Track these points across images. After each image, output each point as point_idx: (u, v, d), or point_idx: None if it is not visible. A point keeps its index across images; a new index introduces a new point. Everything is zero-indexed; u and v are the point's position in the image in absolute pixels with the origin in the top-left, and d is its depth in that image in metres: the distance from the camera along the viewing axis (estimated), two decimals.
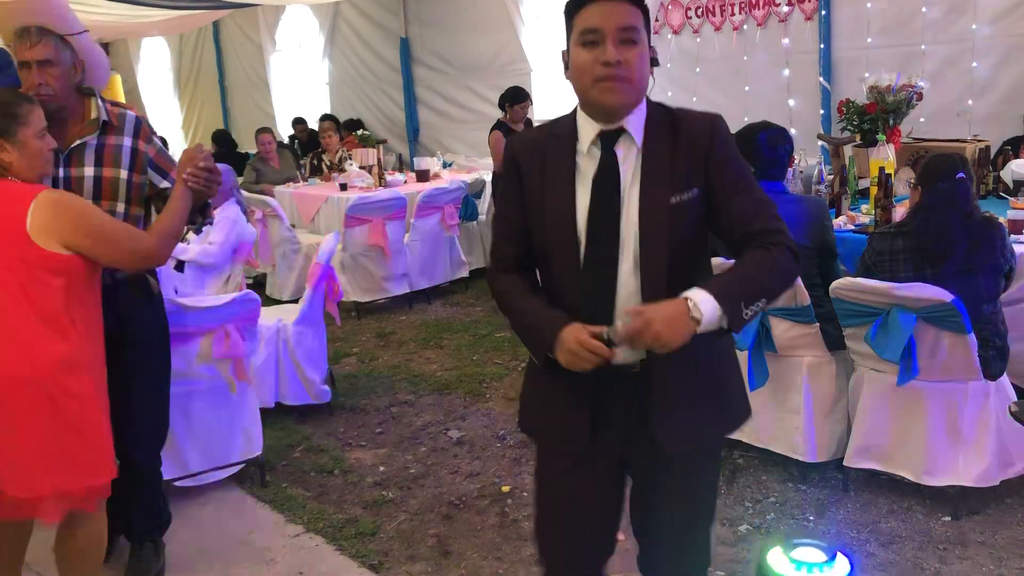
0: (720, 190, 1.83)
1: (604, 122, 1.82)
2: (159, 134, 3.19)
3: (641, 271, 1.80)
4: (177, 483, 3.63)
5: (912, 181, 3.48)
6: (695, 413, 1.90)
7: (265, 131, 8.16)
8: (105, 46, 14.04)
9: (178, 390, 3.32)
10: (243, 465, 3.85)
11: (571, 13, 1.82)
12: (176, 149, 9.84)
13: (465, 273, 7.14)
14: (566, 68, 1.87)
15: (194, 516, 3.59)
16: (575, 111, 1.91)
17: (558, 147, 1.88)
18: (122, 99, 11.56)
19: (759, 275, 1.78)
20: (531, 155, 1.91)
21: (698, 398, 1.90)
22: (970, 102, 5.42)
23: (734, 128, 4.06)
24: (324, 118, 8.95)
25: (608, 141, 1.83)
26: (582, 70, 1.78)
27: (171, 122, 13.11)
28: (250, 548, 3.37)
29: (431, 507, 3.60)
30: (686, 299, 1.69)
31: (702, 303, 1.67)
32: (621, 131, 1.82)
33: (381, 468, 3.99)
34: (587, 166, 1.84)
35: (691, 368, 1.85)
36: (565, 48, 1.86)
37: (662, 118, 1.85)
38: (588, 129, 1.84)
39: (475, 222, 7.34)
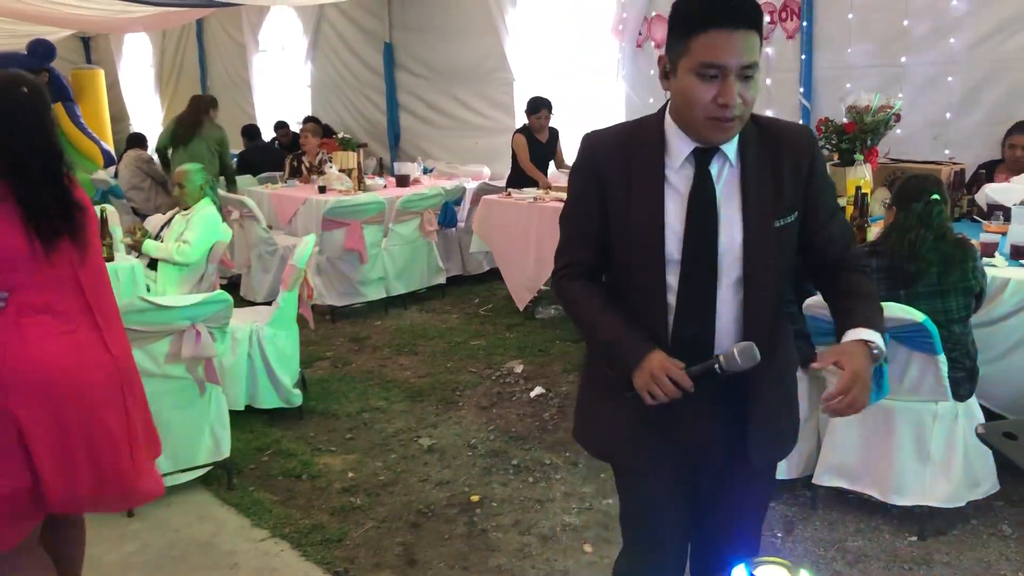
0: (818, 214, 1.86)
1: (702, 143, 1.77)
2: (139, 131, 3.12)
3: (745, 295, 1.80)
4: None
5: (887, 201, 3.50)
6: (779, 427, 1.96)
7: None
8: (87, 41, 13.95)
9: (146, 390, 3.26)
10: (210, 467, 3.80)
11: (688, 32, 1.67)
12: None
13: (442, 280, 7.11)
14: (664, 77, 1.77)
15: (159, 518, 3.54)
16: (661, 118, 1.82)
17: (645, 158, 1.80)
18: (103, 94, 11.48)
19: (878, 300, 1.88)
20: (615, 163, 1.81)
21: (780, 412, 1.95)
22: (948, 118, 5.47)
23: None
24: (307, 120, 8.92)
25: (703, 159, 1.78)
26: (695, 103, 1.68)
27: (152, 119, 13.01)
28: (214, 552, 3.32)
29: (399, 515, 3.57)
30: (867, 342, 1.74)
31: (877, 341, 1.74)
32: (715, 149, 1.78)
33: (350, 474, 3.95)
34: (678, 182, 1.78)
35: (781, 385, 1.93)
36: (667, 57, 1.75)
37: (752, 130, 1.80)
38: (680, 145, 1.78)
39: (454, 228, 7.32)
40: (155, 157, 8.64)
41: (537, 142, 7.01)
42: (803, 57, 6.11)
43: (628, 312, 1.85)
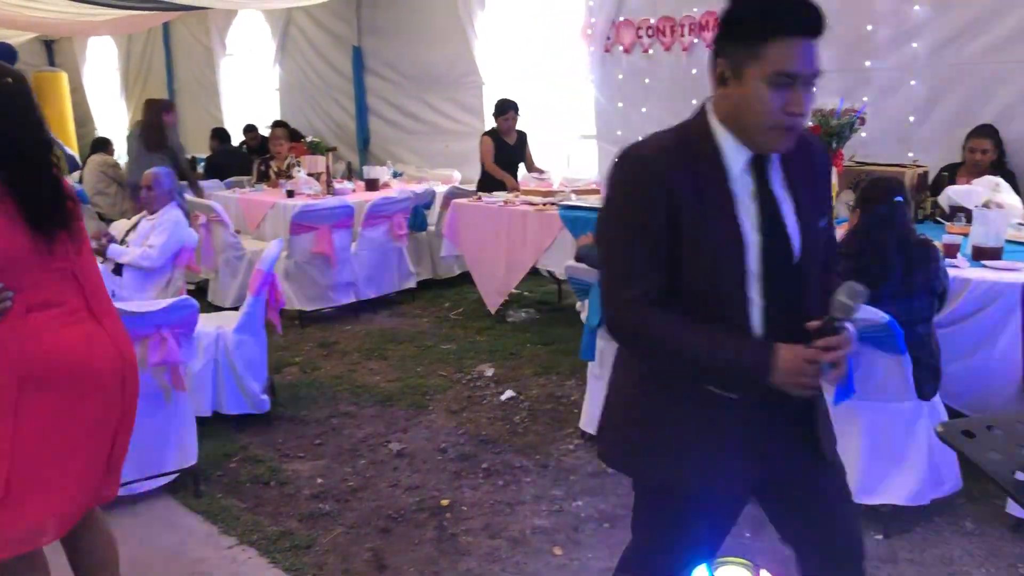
0: (831, 221, 1.92)
1: (759, 150, 1.76)
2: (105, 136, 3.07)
3: (804, 293, 1.83)
4: None
5: (852, 204, 3.55)
6: (829, 416, 2.02)
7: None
8: (49, 44, 13.77)
9: None
10: (177, 475, 3.76)
11: (760, 38, 1.65)
12: (121, 150, 9.64)
13: (412, 284, 7.09)
14: (722, 83, 1.74)
15: (125, 527, 3.48)
16: (704, 125, 1.78)
17: (707, 170, 1.75)
18: (67, 98, 11.34)
19: None
20: (682, 178, 1.73)
21: (824, 400, 1.99)
22: (911, 120, 5.55)
23: None
24: (276, 124, 8.87)
25: (762, 166, 1.78)
26: (763, 111, 1.67)
27: (117, 123, 12.86)
28: (182, 560, 3.29)
29: (368, 520, 3.55)
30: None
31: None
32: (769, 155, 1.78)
33: (319, 480, 3.93)
34: (740, 191, 1.76)
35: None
36: (726, 62, 1.72)
37: None
38: (735, 154, 1.76)
39: (423, 232, 7.30)
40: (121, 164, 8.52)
41: (504, 144, 7.02)
42: None
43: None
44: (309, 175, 7.36)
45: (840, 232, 3.91)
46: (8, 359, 2.19)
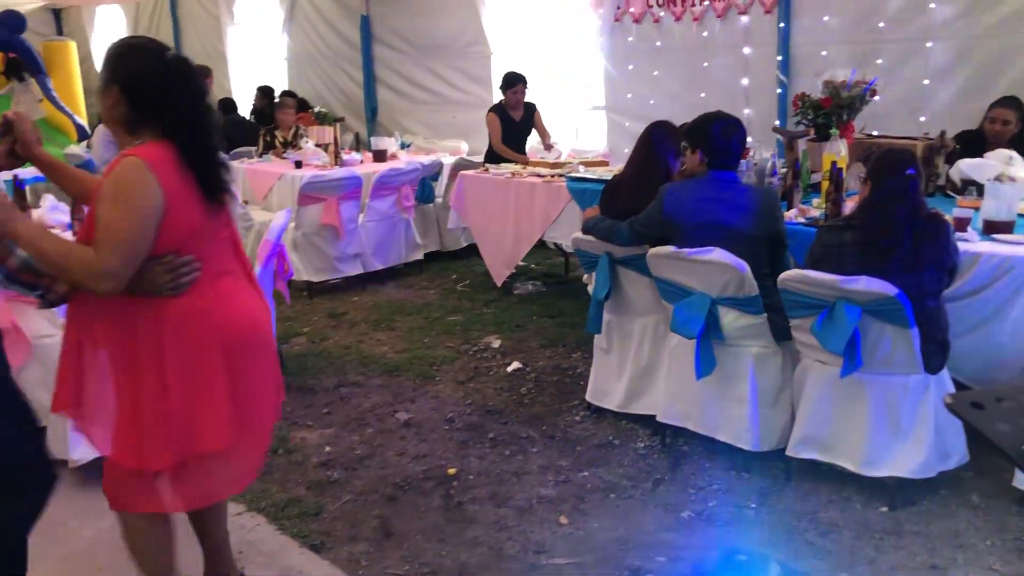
0: None
1: None
2: None
3: None
4: None
5: (863, 176, 3.52)
6: None
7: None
8: (57, 12, 13.70)
9: None
10: None
11: None
12: None
13: (420, 255, 7.09)
14: None
15: None
16: None
17: None
18: (75, 67, 11.30)
19: None
20: None
21: None
22: (925, 84, 5.49)
23: (690, 117, 4.09)
24: (285, 94, 8.82)
25: None
26: None
27: None
28: (190, 527, 3.30)
29: (376, 488, 3.57)
30: None
31: None
32: None
33: (327, 448, 3.95)
34: None
35: None
36: None
37: None
38: None
39: (431, 204, 7.28)
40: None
41: (511, 120, 6.97)
42: (781, 26, 6.09)
43: None
44: (317, 146, 7.33)
45: (851, 205, 3.89)
46: (211, 325, 2.28)
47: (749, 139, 4.79)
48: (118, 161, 2.18)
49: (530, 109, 7.07)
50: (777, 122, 6.08)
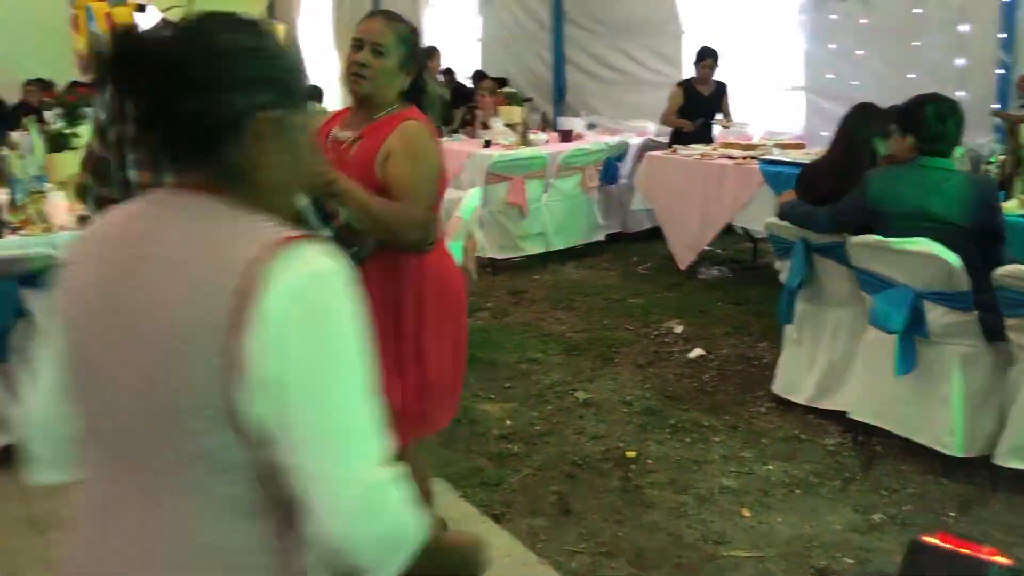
0: None
1: None
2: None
3: None
4: None
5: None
6: None
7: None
8: None
9: None
10: None
11: None
12: (333, 102, 10.14)
13: (601, 236, 7.08)
14: None
15: None
16: None
17: None
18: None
19: None
20: None
21: None
22: None
23: (900, 98, 3.85)
24: (482, 76, 9.02)
25: None
26: None
27: (330, 74, 13.49)
28: None
29: (554, 465, 3.62)
30: None
31: None
32: None
33: (508, 422, 4.04)
34: None
35: None
36: None
37: None
38: None
39: (615, 185, 7.24)
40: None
41: (698, 95, 6.82)
42: (1005, 0, 5.60)
43: None
44: (505, 125, 7.46)
45: None
46: (454, 276, 2.62)
47: None
48: (395, 123, 2.36)
49: (721, 87, 6.89)
50: (996, 105, 5.61)
